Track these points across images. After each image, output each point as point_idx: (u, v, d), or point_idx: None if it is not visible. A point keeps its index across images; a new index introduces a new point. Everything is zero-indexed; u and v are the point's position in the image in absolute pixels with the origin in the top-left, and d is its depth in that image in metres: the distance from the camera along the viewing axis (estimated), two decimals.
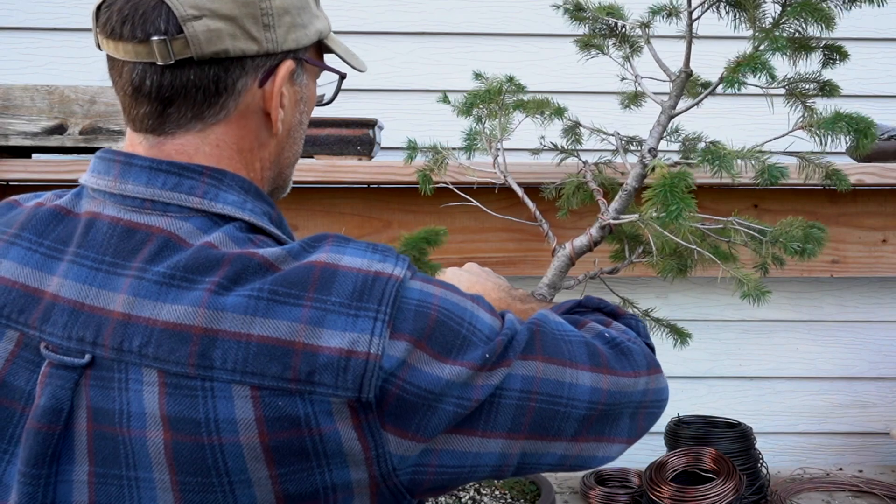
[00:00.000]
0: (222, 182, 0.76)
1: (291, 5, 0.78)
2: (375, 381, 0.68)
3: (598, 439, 0.85)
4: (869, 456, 2.08)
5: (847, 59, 1.35)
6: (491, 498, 1.50)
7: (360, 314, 0.69)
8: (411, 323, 0.71)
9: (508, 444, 0.78)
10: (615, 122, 1.61)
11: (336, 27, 2.14)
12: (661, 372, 0.93)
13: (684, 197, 1.12)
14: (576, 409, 0.81)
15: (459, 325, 0.74)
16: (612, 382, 0.84)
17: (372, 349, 0.68)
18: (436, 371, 0.71)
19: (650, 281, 1.99)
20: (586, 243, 1.40)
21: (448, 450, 0.75)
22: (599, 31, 1.51)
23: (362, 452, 0.70)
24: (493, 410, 0.76)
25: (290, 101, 0.82)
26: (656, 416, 0.93)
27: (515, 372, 0.77)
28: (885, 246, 1.95)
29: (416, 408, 0.71)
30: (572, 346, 0.83)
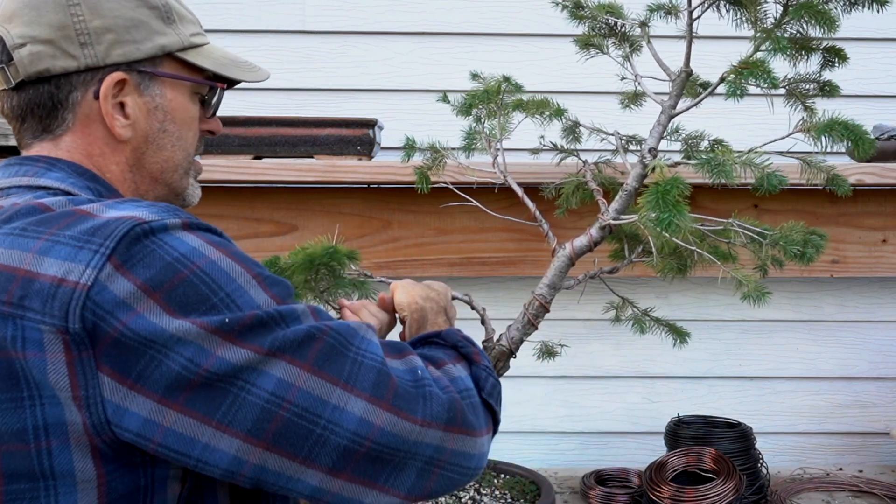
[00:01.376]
0: (54, 166, 0.87)
1: (115, 25, 0.88)
2: (80, 310, 0.69)
3: (367, 483, 0.77)
4: (869, 456, 2.08)
5: (846, 63, 1.35)
6: (491, 498, 1.50)
7: (85, 247, 0.72)
8: (152, 271, 0.71)
9: (245, 448, 0.72)
10: (615, 122, 1.61)
11: (336, 27, 2.15)
12: (481, 436, 0.85)
13: (677, 204, 1.11)
14: (335, 436, 0.74)
15: (213, 291, 0.73)
16: (389, 421, 0.76)
17: (82, 279, 0.70)
18: (161, 322, 0.70)
19: (650, 281, 1.99)
20: (586, 243, 1.39)
21: (175, 430, 0.71)
22: (599, 30, 1.50)
23: (69, 389, 0.70)
24: (234, 402, 0.71)
25: (139, 110, 0.90)
26: (455, 483, 0.84)
27: (271, 370, 0.72)
28: (885, 246, 1.95)
29: (136, 354, 0.70)
30: (359, 367, 0.77)
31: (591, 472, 1.80)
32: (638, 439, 2.07)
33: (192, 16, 0.98)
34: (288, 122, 1.80)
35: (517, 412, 2.06)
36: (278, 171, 1.78)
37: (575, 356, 1.98)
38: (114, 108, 0.89)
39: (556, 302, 1.45)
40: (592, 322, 2.00)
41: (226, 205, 1.86)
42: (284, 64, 2.04)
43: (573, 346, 1.78)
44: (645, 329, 1.61)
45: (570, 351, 1.70)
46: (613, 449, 2.08)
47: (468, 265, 1.91)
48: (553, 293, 1.42)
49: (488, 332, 1.45)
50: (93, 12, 0.87)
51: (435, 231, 1.90)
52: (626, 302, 1.64)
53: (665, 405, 2.07)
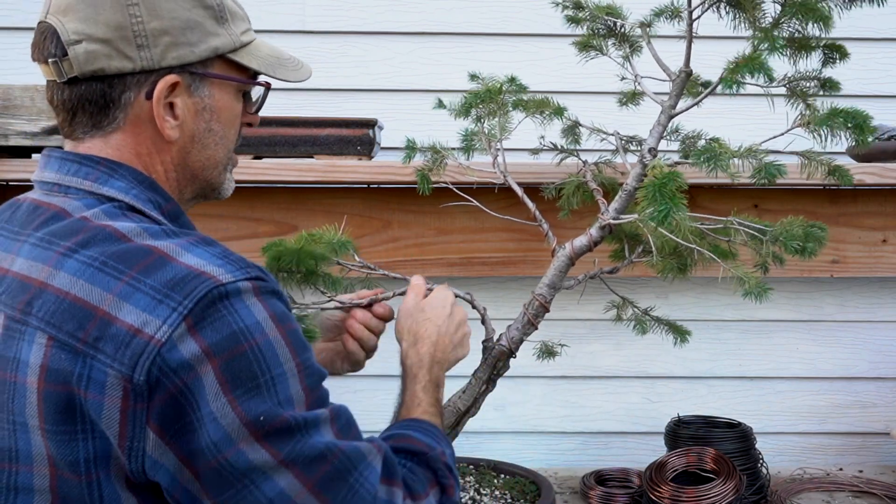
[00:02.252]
0: (115, 171, 0.88)
1: (171, 27, 0.88)
2: (149, 364, 0.73)
3: None
4: (869, 456, 2.08)
5: (847, 58, 1.35)
6: (491, 498, 1.50)
7: (165, 301, 0.75)
8: (218, 337, 0.75)
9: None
10: (615, 122, 1.61)
11: (336, 27, 2.15)
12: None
13: (674, 197, 1.11)
14: None
15: (262, 371, 0.77)
16: None
17: (157, 335, 0.74)
18: (211, 396, 0.74)
19: (650, 281, 1.99)
20: (586, 243, 1.39)
21: (189, 490, 0.76)
22: (598, 31, 1.50)
23: (117, 437, 0.74)
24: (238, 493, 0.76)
25: (188, 111, 0.92)
26: None
27: (278, 478, 0.77)
28: (885, 246, 1.95)
29: (180, 412, 0.74)
30: (353, 496, 0.81)
31: (591, 472, 1.80)
32: (638, 439, 2.07)
33: (242, 11, 0.98)
34: (288, 122, 1.80)
35: (517, 412, 2.06)
36: (278, 171, 1.78)
37: (575, 356, 1.98)
38: (164, 109, 0.90)
39: (556, 302, 1.45)
40: (592, 322, 2.00)
41: (226, 205, 1.86)
42: None
43: (573, 346, 1.78)
44: (646, 329, 1.61)
45: (571, 351, 1.70)
46: (613, 449, 2.08)
47: (468, 265, 1.91)
48: (553, 293, 1.42)
49: (488, 331, 1.45)
50: (151, 13, 0.87)
51: (435, 231, 1.90)
52: (627, 302, 1.64)
53: (665, 405, 2.06)
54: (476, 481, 1.57)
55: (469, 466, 1.66)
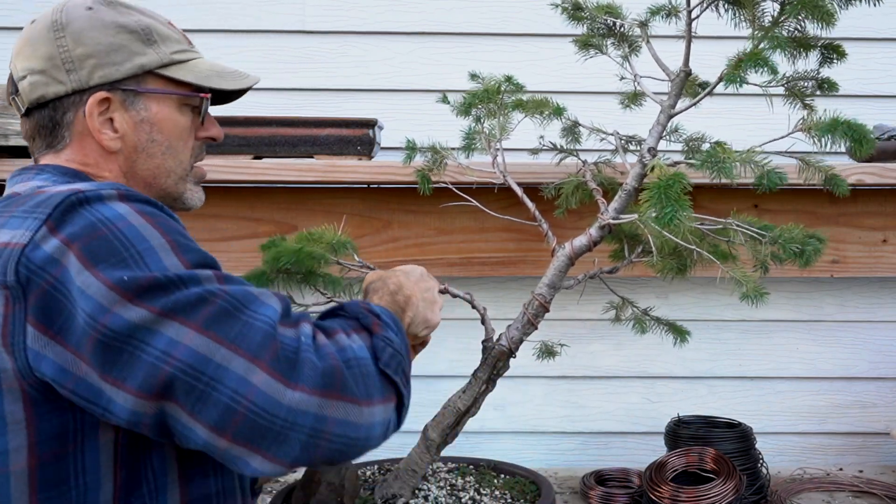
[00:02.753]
0: (43, 170, 0.98)
1: (96, 51, 0.99)
2: (15, 265, 0.79)
3: (250, 448, 0.79)
4: (869, 456, 2.08)
5: (845, 58, 1.35)
6: (491, 498, 1.50)
7: (30, 217, 0.83)
8: (75, 228, 0.81)
9: (140, 402, 0.78)
10: (615, 122, 1.61)
11: (336, 27, 2.15)
12: (370, 405, 0.84)
13: (679, 199, 1.11)
14: (217, 393, 0.77)
15: (125, 248, 0.80)
16: (265, 382, 0.78)
17: (21, 240, 0.81)
18: (75, 275, 0.78)
19: (650, 281, 1.99)
20: (586, 243, 1.39)
21: (85, 379, 0.78)
22: (598, 31, 1.50)
23: (2, 338, 0.80)
24: (128, 360, 0.77)
25: (127, 124, 1.01)
26: (344, 455, 0.84)
27: (163, 330, 0.77)
28: (885, 246, 1.95)
29: (58, 306, 0.78)
30: (248, 329, 0.79)
31: (591, 473, 1.80)
32: (638, 439, 2.07)
33: (177, 35, 1.07)
34: (288, 122, 1.80)
35: (517, 412, 2.06)
36: (278, 171, 1.78)
37: (575, 356, 1.98)
38: (103, 123, 0.99)
39: (556, 302, 1.45)
40: (592, 322, 2.00)
41: (226, 205, 1.86)
42: (284, 64, 2.04)
43: (573, 346, 1.78)
44: (645, 329, 1.61)
45: (571, 351, 1.70)
46: (613, 449, 2.08)
47: (468, 265, 1.91)
48: (553, 293, 1.42)
49: (488, 331, 1.45)
50: (76, 42, 0.99)
51: (435, 231, 1.90)
52: (626, 302, 1.64)
53: (665, 405, 2.06)
54: (476, 481, 1.57)
55: (469, 466, 1.66)
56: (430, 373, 1.97)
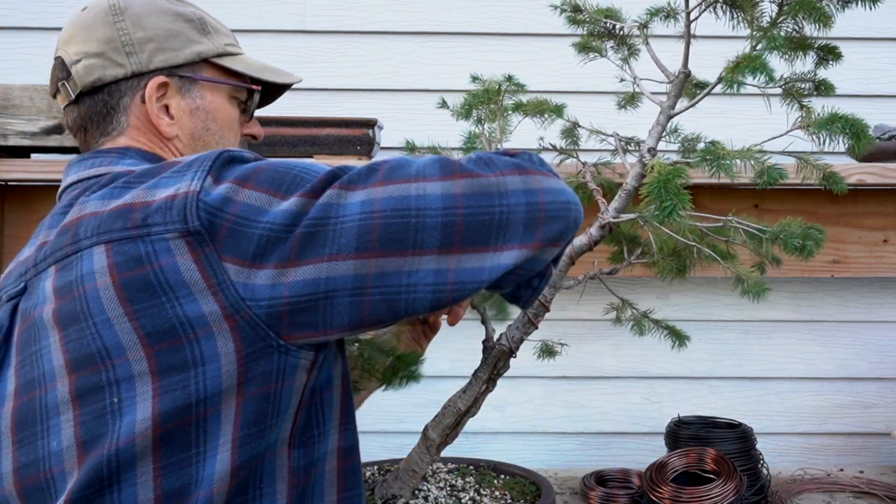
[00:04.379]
0: (125, 154, 0.97)
1: (156, 35, 1.00)
2: (195, 210, 0.79)
3: (479, 249, 0.81)
4: (870, 456, 2.08)
5: (840, 60, 1.35)
6: (491, 498, 1.50)
7: (187, 172, 0.83)
8: (239, 172, 0.82)
9: (360, 263, 0.78)
10: (614, 123, 1.61)
11: (336, 27, 2.15)
12: (550, 175, 0.87)
13: (679, 193, 1.11)
14: (429, 218, 0.79)
15: (290, 169, 0.83)
16: (466, 185, 0.81)
17: (190, 188, 0.81)
18: (267, 205, 0.79)
19: (650, 281, 1.99)
20: (586, 243, 1.39)
21: (297, 280, 0.78)
22: (597, 34, 1.50)
23: (203, 281, 0.79)
24: (335, 234, 0.78)
25: (182, 111, 1.02)
26: (565, 222, 0.86)
27: (351, 198, 0.79)
28: (885, 246, 1.95)
29: (248, 236, 0.79)
30: (420, 167, 0.82)
31: (591, 473, 1.80)
32: (638, 440, 2.07)
33: (226, 30, 1.08)
34: (288, 122, 1.80)
35: (517, 412, 2.06)
36: None
37: (575, 356, 1.98)
38: (159, 109, 1.00)
39: (556, 302, 1.45)
40: (592, 322, 2.00)
41: None
42: (284, 64, 2.03)
43: (573, 346, 1.78)
44: (644, 331, 1.61)
45: (570, 351, 1.70)
46: (614, 449, 2.08)
47: None
48: (553, 293, 1.42)
49: (488, 331, 1.45)
50: (136, 25, 0.99)
51: None
52: (626, 303, 1.64)
53: (665, 405, 2.06)
54: (476, 481, 1.57)
55: (469, 466, 1.66)
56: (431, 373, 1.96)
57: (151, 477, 0.79)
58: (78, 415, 0.81)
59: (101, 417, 0.80)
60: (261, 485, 0.85)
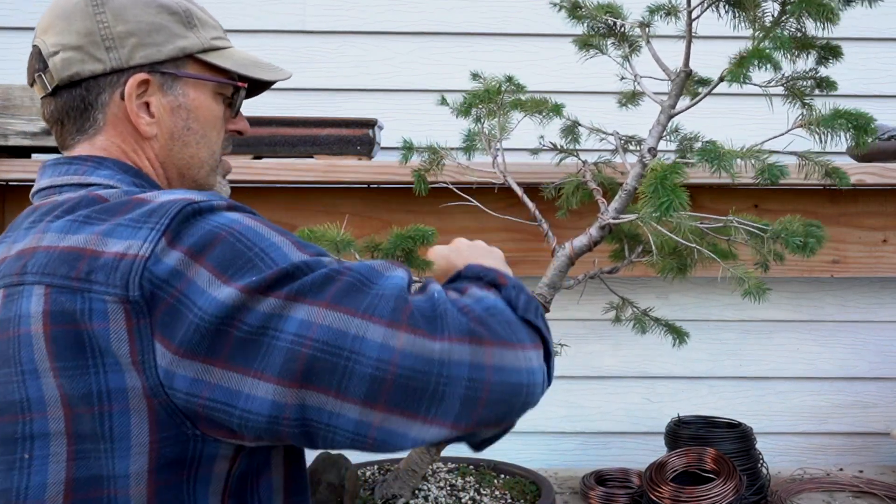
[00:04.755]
0: (101, 164, 0.94)
1: (137, 29, 0.95)
2: (139, 279, 0.75)
3: (407, 414, 0.75)
4: (869, 456, 2.08)
5: (841, 58, 1.35)
6: (491, 498, 1.50)
7: (143, 226, 0.79)
8: (195, 238, 0.77)
9: (281, 391, 0.74)
10: (615, 122, 1.61)
11: (336, 27, 2.15)
12: (524, 349, 0.80)
13: (675, 189, 1.11)
14: (360, 366, 0.73)
15: (248, 248, 0.78)
16: (408, 342, 0.74)
17: (140, 251, 0.76)
18: (209, 288, 0.75)
19: (650, 281, 1.99)
20: (586, 243, 1.39)
21: (220, 384, 0.74)
22: (598, 31, 1.50)
23: (129, 355, 0.76)
24: (266, 350, 0.74)
25: (163, 109, 0.97)
26: (512, 406, 0.79)
27: (293, 314, 0.74)
28: (885, 246, 1.95)
29: (184, 320, 0.74)
30: (379, 299, 0.76)
31: (591, 473, 1.80)
32: (638, 439, 2.07)
33: (214, 21, 1.03)
34: (288, 122, 1.80)
35: None
36: (278, 171, 1.78)
37: (575, 356, 1.98)
38: (139, 107, 0.95)
39: (556, 302, 1.45)
40: (592, 322, 2.00)
41: None
42: (284, 64, 2.02)
43: (573, 346, 1.78)
44: (645, 329, 1.61)
45: (570, 351, 1.70)
46: (613, 449, 2.08)
47: None
48: (553, 293, 1.42)
49: None
50: (117, 18, 0.94)
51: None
52: (627, 302, 1.64)
53: (665, 405, 2.06)
54: (476, 481, 1.57)
55: (469, 466, 1.66)
56: None
57: None
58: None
59: (7, 471, 0.78)
60: None
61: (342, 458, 1.46)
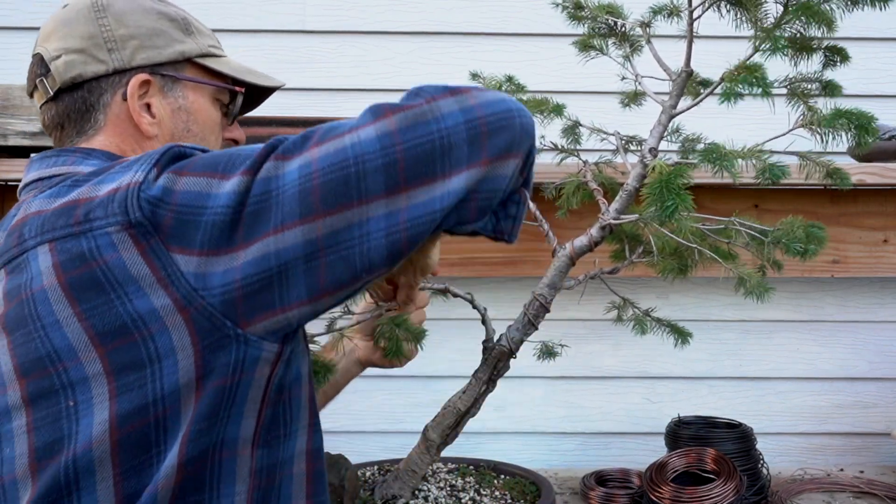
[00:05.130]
0: (90, 154, 0.95)
1: (138, 33, 0.98)
2: (136, 201, 0.77)
3: (426, 181, 0.78)
4: (870, 456, 2.08)
5: (848, 61, 1.35)
6: (491, 498, 1.50)
7: (133, 166, 0.81)
8: (178, 163, 0.80)
9: (307, 228, 0.76)
10: (615, 122, 1.61)
11: (336, 27, 2.15)
12: (485, 90, 0.85)
13: (680, 193, 1.11)
14: (369, 163, 0.76)
15: (226, 152, 0.81)
16: (400, 119, 0.78)
17: (133, 180, 0.79)
18: (211, 188, 0.77)
19: (651, 281, 1.99)
20: (586, 243, 1.39)
21: (247, 261, 0.76)
22: (599, 31, 1.50)
23: (152, 275, 0.77)
24: (277, 205, 0.76)
25: (164, 110, 1.00)
26: (511, 132, 0.83)
27: (289, 165, 0.77)
28: (885, 246, 1.95)
29: (198, 224, 0.76)
30: (354, 120, 0.80)
31: (591, 473, 1.80)
32: (638, 440, 2.07)
33: (209, 32, 1.07)
34: (288, 122, 1.80)
35: (517, 412, 2.06)
36: None
37: (575, 356, 1.98)
38: (141, 107, 0.98)
39: (557, 302, 1.45)
40: (592, 322, 2.00)
41: None
42: (284, 64, 2.04)
43: (573, 346, 1.78)
44: (646, 329, 1.61)
45: (570, 351, 1.70)
46: (614, 449, 2.08)
47: (468, 265, 1.90)
48: (553, 293, 1.42)
49: (489, 332, 1.45)
50: (118, 23, 0.98)
51: None
52: (627, 302, 1.64)
53: (665, 405, 2.06)
54: (476, 481, 1.57)
55: (469, 467, 1.66)
56: (430, 373, 1.97)
57: (112, 483, 0.78)
58: (31, 420, 0.79)
59: (55, 422, 0.79)
60: (218, 485, 0.82)
61: (342, 458, 1.45)
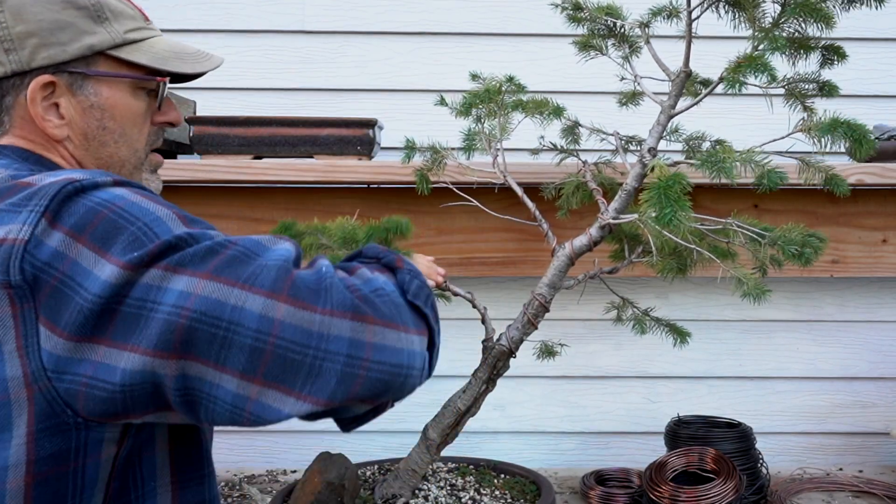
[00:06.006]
0: (0, 153, 0.90)
1: (38, 29, 0.90)
2: (19, 262, 0.73)
3: (283, 389, 0.73)
4: (869, 456, 2.08)
5: (845, 60, 1.35)
6: (491, 498, 1.50)
7: (23, 210, 0.76)
8: (76, 218, 0.75)
9: (160, 363, 0.72)
10: (615, 122, 1.61)
11: (336, 27, 2.15)
12: (408, 332, 0.79)
13: (679, 199, 1.11)
14: (239, 336, 0.72)
15: (131, 223, 0.75)
16: (288, 313, 0.73)
17: (20, 235, 0.74)
18: (94, 268, 0.73)
19: (650, 281, 1.99)
20: (586, 243, 1.39)
21: (98, 361, 0.73)
22: (598, 32, 1.50)
23: (14, 341, 0.74)
24: (145, 322, 0.72)
25: (74, 110, 0.93)
26: (389, 386, 0.77)
27: (172, 285, 0.73)
28: (885, 246, 1.95)
29: (67, 301, 0.73)
30: (262, 269, 0.74)
31: (591, 472, 1.80)
32: (638, 439, 2.07)
33: (132, 10, 0.98)
34: (288, 122, 1.80)
35: (517, 412, 2.06)
36: (278, 171, 1.78)
37: (575, 356, 1.98)
38: (47, 109, 0.91)
39: (556, 302, 1.45)
40: (592, 322, 2.00)
41: (226, 205, 1.86)
42: (284, 64, 2.04)
43: (573, 346, 1.78)
44: (645, 329, 1.61)
45: (570, 351, 1.70)
46: (613, 449, 2.08)
47: (468, 265, 1.91)
48: (553, 293, 1.42)
49: (488, 331, 1.45)
50: (16, 18, 0.89)
51: (435, 231, 1.90)
52: (627, 302, 1.64)
53: (665, 405, 2.06)
54: (476, 481, 1.57)
55: (469, 466, 1.66)
56: None
57: None
58: None
59: None
60: None
61: (342, 457, 1.46)
